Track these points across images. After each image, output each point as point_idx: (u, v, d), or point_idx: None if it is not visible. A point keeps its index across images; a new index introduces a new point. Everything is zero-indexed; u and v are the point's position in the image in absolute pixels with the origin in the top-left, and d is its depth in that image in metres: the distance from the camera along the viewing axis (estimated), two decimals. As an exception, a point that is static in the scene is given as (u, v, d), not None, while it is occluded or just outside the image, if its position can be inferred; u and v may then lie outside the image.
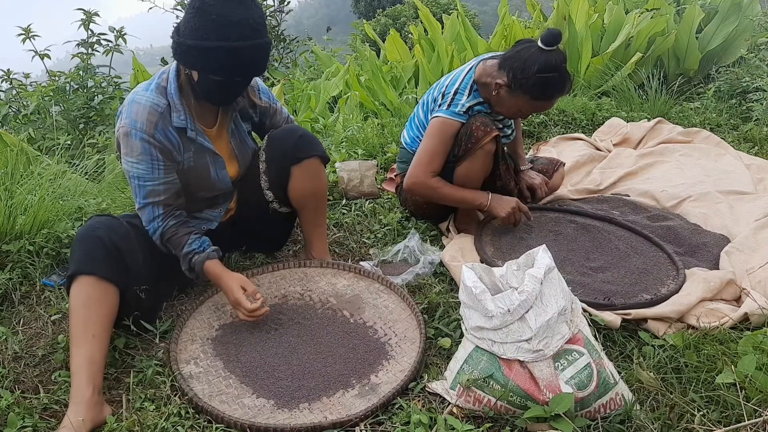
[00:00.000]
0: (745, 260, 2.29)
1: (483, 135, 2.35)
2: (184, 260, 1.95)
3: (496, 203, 2.47)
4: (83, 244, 1.79)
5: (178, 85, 1.93)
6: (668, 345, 1.83)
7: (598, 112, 4.20)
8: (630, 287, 2.17)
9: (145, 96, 1.89)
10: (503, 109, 2.42)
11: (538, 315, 1.60)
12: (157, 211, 1.93)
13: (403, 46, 6.29)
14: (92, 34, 5.06)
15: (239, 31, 1.74)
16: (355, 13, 22.89)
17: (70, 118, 4.49)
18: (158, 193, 1.92)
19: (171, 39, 1.85)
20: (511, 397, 1.61)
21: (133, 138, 1.86)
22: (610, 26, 5.51)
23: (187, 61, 1.83)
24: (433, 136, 2.44)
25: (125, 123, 1.87)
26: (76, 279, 1.75)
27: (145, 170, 1.89)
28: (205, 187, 2.08)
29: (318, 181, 2.21)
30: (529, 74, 2.22)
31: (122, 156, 1.91)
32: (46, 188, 2.54)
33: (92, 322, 1.71)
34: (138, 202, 1.92)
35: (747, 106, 4.17)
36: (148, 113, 1.87)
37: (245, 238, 2.38)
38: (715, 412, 1.58)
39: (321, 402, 1.72)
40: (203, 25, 1.73)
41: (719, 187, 2.90)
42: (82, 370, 1.66)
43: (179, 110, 1.93)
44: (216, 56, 1.76)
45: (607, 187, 3.10)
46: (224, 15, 1.72)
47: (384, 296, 2.16)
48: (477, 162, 2.42)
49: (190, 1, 1.77)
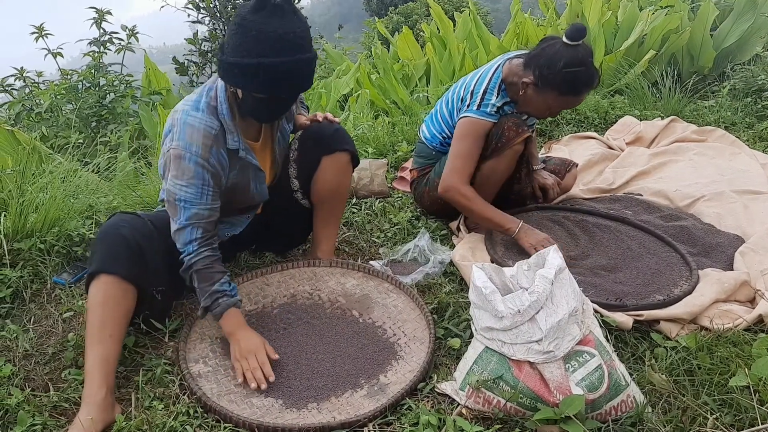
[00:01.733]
0: (759, 261, 2.25)
1: (515, 135, 2.34)
2: (210, 297, 1.83)
3: (524, 234, 2.37)
4: (107, 241, 1.78)
5: (229, 104, 1.90)
6: (681, 347, 1.81)
7: (611, 110, 4.17)
8: (642, 288, 2.15)
9: (197, 118, 1.84)
10: (531, 109, 2.39)
11: (549, 316, 1.59)
12: (195, 233, 1.86)
13: (414, 44, 6.27)
14: (104, 33, 5.08)
15: (280, 46, 1.69)
16: (367, 11, 22.88)
17: (82, 116, 4.51)
18: (201, 216, 1.87)
19: (217, 57, 1.83)
20: (521, 398, 1.59)
21: (186, 162, 1.82)
22: (624, 24, 5.46)
23: (229, 78, 1.80)
24: (465, 138, 2.41)
25: (178, 146, 1.82)
26: (97, 277, 1.73)
27: (194, 195, 1.84)
28: (242, 200, 2.08)
29: (343, 177, 2.21)
30: (556, 70, 2.20)
31: (170, 177, 1.84)
32: (57, 186, 2.55)
33: (110, 322, 1.71)
34: (178, 222, 1.85)
35: (762, 104, 4.11)
36: (203, 136, 1.83)
37: (264, 233, 2.34)
38: (729, 415, 1.55)
39: (329, 402, 1.71)
40: (244, 42, 1.70)
41: (734, 186, 2.87)
42: (96, 370, 1.65)
43: (233, 132, 1.90)
44: (256, 74, 1.72)
45: (620, 186, 3.07)
46: (264, 30, 1.68)
47: (393, 296, 2.15)
48: (503, 162, 2.40)
49: (233, 17, 1.74)
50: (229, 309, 1.85)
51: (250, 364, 1.77)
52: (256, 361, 1.78)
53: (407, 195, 3.01)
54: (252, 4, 1.69)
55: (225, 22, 7.47)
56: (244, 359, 1.78)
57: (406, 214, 2.74)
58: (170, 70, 7.07)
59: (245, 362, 1.78)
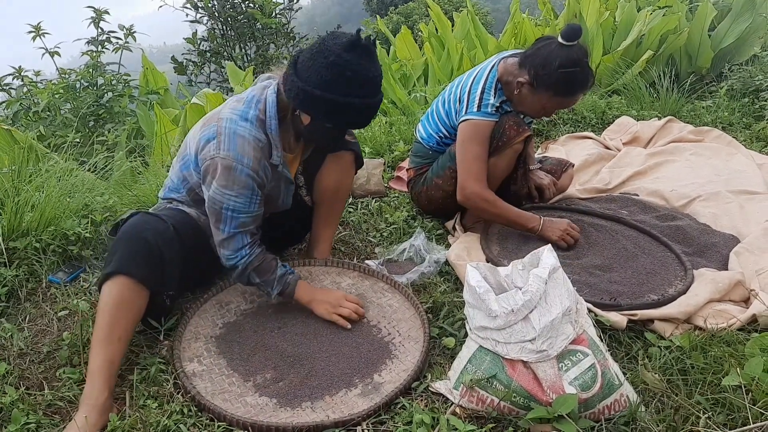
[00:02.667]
0: (754, 261, 2.26)
1: (515, 134, 2.34)
2: (279, 283, 1.97)
3: (547, 227, 2.40)
4: (129, 243, 1.76)
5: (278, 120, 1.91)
6: (675, 346, 1.81)
7: (608, 110, 4.17)
8: (637, 287, 2.15)
9: (247, 129, 1.85)
10: (525, 108, 2.39)
11: (542, 315, 1.59)
12: (246, 239, 1.91)
13: (413, 44, 6.27)
14: (102, 32, 5.09)
15: (370, 88, 1.79)
16: (367, 11, 22.88)
17: (79, 115, 4.51)
18: (248, 223, 1.91)
19: (288, 79, 1.81)
20: (515, 397, 1.59)
21: (238, 173, 1.83)
22: (622, 24, 5.47)
23: (309, 108, 1.81)
24: (471, 141, 2.39)
25: (229, 156, 1.82)
26: (113, 277, 1.72)
27: (243, 204, 1.87)
28: (269, 209, 2.08)
29: (345, 177, 2.24)
30: (551, 70, 2.20)
31: (216, 186, 1.84)
32: (53, 185, 2.55)
33: (120, 325, 1.71)
34: (226, 231, 1.89)
35: (760, 104, 4.11)
36: (254, 149, 1.85)
37: (265, 229, 2.34)
38: (721, 414, 1.55)
39: (323, 401, 1.71)
40: (336, 80, 1.73)
41: (730, 186, 2.87)
42: (101, 372, 1.65)
43: (278, 147, 1.92)
44: (344, 111, 1.78)
45: (616, 186, 3.07)
46: (359, 72, 1.74)
47: (388, 295, 2.15)
48: (503, 160, 2.41)
49: (319, 51, 1.75)
50: (297, 283, 2.01)
51: (348, 309, 1.99)
52: (349, 305, 2.00)
53: (404, 194, 3.01)
54: (345, 43, 1.73)
55: (224, 22, 7.49)
56: (338, 308, 1.99)
57: (402, 214, 2.74)
58: (169, 70, 7.08)
59: (343, 310, 1.99)
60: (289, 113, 1.91)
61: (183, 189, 2.03)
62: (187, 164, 1.99)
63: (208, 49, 7.46)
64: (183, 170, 2.01)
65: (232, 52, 7.60)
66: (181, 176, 2.02)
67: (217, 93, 4.47)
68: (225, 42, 7.56)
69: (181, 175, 2.02)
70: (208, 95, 4.19)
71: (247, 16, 7.37)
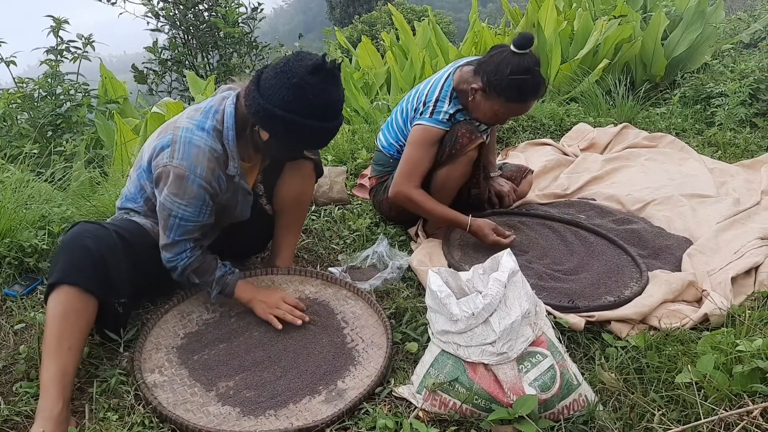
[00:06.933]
0: (706, 262, 2.33)
1: (468, 142, 2.38)
2: (218, 283, 2.00)
3: (476, 225, 2.46)
4: (70, 252, 1.74)
5: (235, 131, 1.91)
6: (630, 346, 1.87)
7: (567, 117, 4.26)
8: (594, 290, 2.20)
9: (203, 139, 1.85)
10: (479, 115, 2.43)
11: (502, 318, 1.62)
12: (187, 245, 1.93)
13: (375, 53, 6.30)
14: (61, 42, 4.99)
15: (329, 112, 1.80)
16: (331, 20, 22.94)
17: (37, 125, 4.41)
18: (194, 231, 1.92)
19: (250, 95, 1.80)
20: (476, 400, 1.62)
21: (189, 183, 1.83)
22: (579, 33, 5.57)
23: (268, 126, 1.81)
24: (416, 145, 2.45)
25: (183, 165, 1.82)
26: (57, 288, 1.70)
27: (192, 214, 1.87)
28: (225, 219, 2.08)
29: (305, 186, 2.24)
30: (503, 77, 2.25)
31: (167, 193, 1.85)
32: (9, 197, 2.50)
33: (69, 335, 1.67)
34: (170, 237, 1.89)
35: (711, 111, 4.25)
36: (208, 159, 1.85)
37: (226, 239, 2.28)
38: (675, 411, 1.61)
39: (287, 408, 1.72)
40: (297, 101, 1.74)
41: (683, 190, 2.96)
42: (54, 383, 1.61)
43: (234, 158, 1.92)
44: (303, 132, 1.79)
45: (574, 191, 3.14)
46: (320, 96, 1.75)
47: (351, 302, 2.16)
48: (458, 168, 2.44)
49: (283, 70, 1.74)
50: (237, 283, 2.03)
51: (283, 310, 2.01)
52: (285, 306, 2.02)
53: (366, 202, 3.03)
54: (309, 65, 1.73)
55: (185, 31, 7.41)
56: (274, 309, 2.01)
57: (365, 221, 2.76)
58: (130, 79, 6.97)
59: (278, 311, 2.01)
60: (248, 127, 1.91)
61: (140, 198, 2.02)
62: (142, 173, 1.98)
63: (170, 57, 7.38)
64: (139, 179, 2.00)
65: (194, 60, 7.52)
66: (138, 185, 2.01)
67: (178, 102, 4.42)
68: (187, 51, 7.49)
69: (138, 184, 2.01)
70: (168, 104, 4.15)
71: (210, 25, 7.32)
